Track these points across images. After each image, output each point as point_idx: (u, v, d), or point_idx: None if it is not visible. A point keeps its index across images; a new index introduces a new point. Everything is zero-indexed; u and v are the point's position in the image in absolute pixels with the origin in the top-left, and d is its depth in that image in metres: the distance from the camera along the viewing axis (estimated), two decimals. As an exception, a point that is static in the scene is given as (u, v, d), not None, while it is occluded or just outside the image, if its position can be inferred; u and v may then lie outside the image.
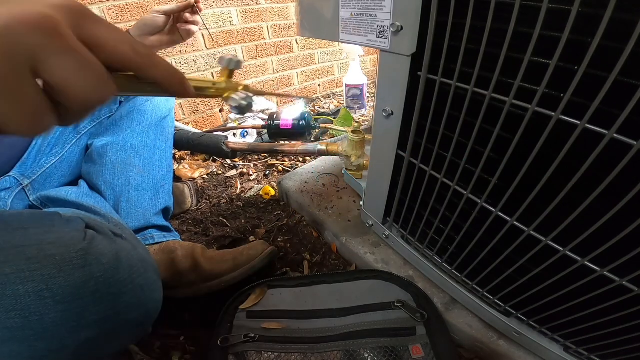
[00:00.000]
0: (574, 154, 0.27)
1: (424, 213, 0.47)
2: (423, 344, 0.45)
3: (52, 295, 0.27)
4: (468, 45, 0.31)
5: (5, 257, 0.26)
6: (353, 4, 0.41)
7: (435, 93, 0.36)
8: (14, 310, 0.26)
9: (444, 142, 0.38)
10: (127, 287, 0.33)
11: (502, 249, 0.37)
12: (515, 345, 0.44)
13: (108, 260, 0.31)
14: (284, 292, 0.54)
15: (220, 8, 1.19)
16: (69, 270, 0.28)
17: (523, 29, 0.26)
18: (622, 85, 0.22)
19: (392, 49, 0.39)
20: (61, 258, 0.28)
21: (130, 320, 0.33)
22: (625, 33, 0.21)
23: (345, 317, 0.49)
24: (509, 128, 0.30)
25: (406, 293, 0.52)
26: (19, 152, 0.58)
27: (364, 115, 1.42)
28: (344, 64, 1.72)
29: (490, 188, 0.35)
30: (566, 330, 0.37)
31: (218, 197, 0.90)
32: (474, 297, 0.47)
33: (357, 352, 0.44)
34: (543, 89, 0.26)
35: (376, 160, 0.53)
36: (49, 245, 0.28)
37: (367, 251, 0.61)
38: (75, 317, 0.28)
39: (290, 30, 1.42)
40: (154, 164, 0.67)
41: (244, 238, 0.74)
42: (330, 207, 0.73)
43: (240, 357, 0.45)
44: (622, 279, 0.28)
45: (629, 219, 0.25)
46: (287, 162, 1.07)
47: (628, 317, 0.30)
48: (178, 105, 1.23)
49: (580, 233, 0.29)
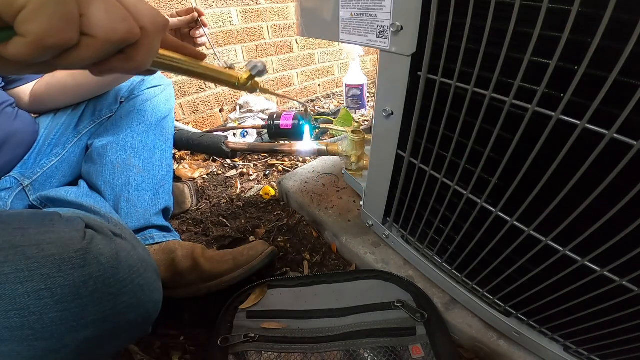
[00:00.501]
0: (573, 154, 0.27)
1: (424, 213, 0.47)
2: (423, 344, 0.45)
3: (51, 295, 0.27)
4: (468, 45, 0.31)
5: (4, 256, 0.26)
6: (353, 4, 0.41)
7: (435, 93, 0.36)
8: (13, 309, 0.26)
9: (444, 142, 0.38)
10: (127, 287, 0.33)
11: (502, 249, 0.37)
12: (515, 345, 0.44)
13: (107, 260, 0.31)
14: (284, 292, 0.54)
15: (220, 8, 1.19)
16: (68, 270, 0.28)
17: (523, 29, 0.26)
18: (622, 85, 0.22)
19: (392, 49, 0.39)
20: (60, 258, 0.28)
21: (130, 320, 0.33)
22: (625, 33, 0.21)
23: (345, 317, 0.49)
24: (509, 128, 0.30)
25: (406, 293, 0.52)
26: (22, 152, 0.59)
27: (364, 115, 1.42)
28: (344, 64, 1.72)
29: (490, 188, 0.35)
30: (566, 330, 0.37)
31: (218, 197, 0.90)
32: (474, 297, 0.47)
33: (357, 352, 0.44)
34: (543, 89, 0.26)
35: (376, 160, 0.53)
36: (48, 245, 0.28)
37: (367, 251, 0.61)
38: (75, 317, 0.28)
39: (290, 30, 1.42)
40: (154, 164, 0.67)
41: (244, 238, 0.74)
42: (330, 207, 0.73)
43: (240, 357, 0.45)
44: (622, 279, 0.28)
45: (629, 219, 0.25)
46: (287, 162, 1.07)
47: (628, 317, 0.30)
48: (178, 105, 1.23)
49: (580, 233, 0.29)
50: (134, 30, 0.23)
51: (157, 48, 0.26)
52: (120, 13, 0.22)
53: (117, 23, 0.22)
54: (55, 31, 0.19)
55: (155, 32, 0.25)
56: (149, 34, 0.24)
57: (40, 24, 0.18)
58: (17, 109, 0.59)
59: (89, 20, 0.21)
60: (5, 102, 0.56)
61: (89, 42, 0.21)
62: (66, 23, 0.19)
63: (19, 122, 0.58)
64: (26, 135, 0.59)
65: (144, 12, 0.24)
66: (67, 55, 0.21)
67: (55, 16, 0.19)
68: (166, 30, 0.27)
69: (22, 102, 0.61)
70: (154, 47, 0.26)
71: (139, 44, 0.24)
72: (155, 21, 0.25)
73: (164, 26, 0.26)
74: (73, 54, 0.21)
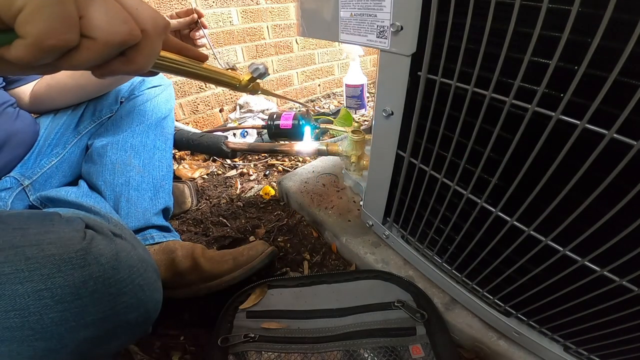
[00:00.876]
0: (573, 154, 0.27)
1: (424, 213, 0.47)
2: (423, 344, 0.45)
3: (52, 295, 0.27)
4: (468, 45, 0.31)
5: (4, 257, 0.26)
6: (353, 4, 0.41)
7: (435, 93, 0.36)
8: (13, 310, 0.26)
9: (444, 142, 0.38)
10: (127, 287, 0.33)
11: (502, 249, 0.37)
12: (515, 345, 0.44)
13: (107, 260, 0.31)
14: (284, 292, 0.54)
15: (220, 8, 1.19)
16: (68, 270, 0.28)
17: (523, 29, 0.26)
18: (622, 85, 0.22)
19: (392, 49, 0.39)
20: (60, 258, 0.28)
21: (130, 320, 0.33)
22: (625, 33, 0.21)
23: (345, 317, 0.49)
24: (509, 128, 0.30)
25: (406, 293, 0.52)
26: (22, 152, 0.59)
27: (364, 115, 1.42)
28: (344, 64, 1.72)
29: (490, 188, 0.35)
30: (566, 330, 0.37)
31: (218, 197, 0.90)
32: (474, 297, 0.47)
33: (357, 352, 0.44)
34: (543, 89, 0.26)
35: (376, 160, 0.53)
36: (48, 245, 0.28)
37: (367, 251, 0.61)
38: (75, 317, 0.28)
39: (290, 30, 1.42)
40: (154, 164, 0.67)
41: (244, 238, 0.74)
42: (330, 207, 0.73)
43: (240, 357, 0.45)
44: (622, 279, 0.28)
45: (629, 219, 0.25)
46: (287, 162, 1.07)
47: (628, 317, 0.30)
48: (178, 105, 1.23)
49: (580, 233, 0.29)
50: (135, 32, 0.23)
51: (158, 50, 0.26)
52: (120, 15, 0.22)
53: (117, 25, 0.22)
54: (53, 33, 0.19)
55: (156, 35, 0.25)
56: (150, 36, 0.24)
57: (39, 26, 0.18)
58: (18, 109, 0.59)
59: (88, 22, 0.21)
60: (6, 102, 0.56)
61: (89, 44, 0.21)
62: (65, 24, 0.19)
63: (20, 122, 0.58)
64: (27, 135, 0.59)
65: (145, 14, 0.24)
66: (68, 57, 0.21)
67: (53, 17, 0.19)
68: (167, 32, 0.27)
69: (22, 102, 0.61)
70: (155, 49, 0.26)
71: (140, 46, 0.24)
72: (156, 23, 0.25)
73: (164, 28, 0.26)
74: (74, 56, 0.21)
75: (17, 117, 0.57)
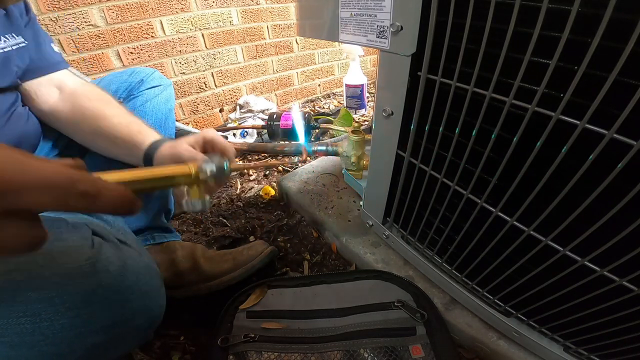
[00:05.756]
0: (573, 154, 0.27)
1: (424, 213, 0.47)
2: (423, 344, 0.45)
3: (63, 302, 0.28)
4: (468, 45, 0.31)
5: (16, 265, 0.27)
6: (353, 4, 0.41)
7: (435, 93, 0.36)
8: (24, 316, 0.27)
9: (444, 142, 0.38)
10: (134, 294, 0.33)
11: (502, 249, 0.37)
12: (515, 345, 0.44)
13: (116, 268, 0.32)
14: (284, 292, 0.54)
15: (220, 8, 1.19)
16: (79, 278, 0.29)
17: (523, 29, 0.26)
18: (622, 85, 0.22)
19: (392, 49, 0.39)
20: (71, 266, 0.29)
21: (136, 325, 0.34)
22: (625, 33, 0.21)
23: (345, 317, 0.49)
24: (509, 128, 0.30)
25: (406, 293, 0.52)
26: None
27: (364, 115, 1.42)
28: (344, 64, 1.72)
29: (490, 188, 0.35)
30: (566, 330, 0.37)
31: (218, 197, 0.90)
32: (474, 297, 0.46)
33: (357, 352, 0.44)
34: (543, 89, 0.26)
35: (376, 160, 0.53)
36: (59, 254, 0.29)
37: (367, 251, 0.61)
38: (84, 323, 0.29)
39: (290, 30, 1.42)
40: (154, 164, 0.67)
41: (244, 238, 0.74)
42: (330, 207, 0.73)
43: (240, 357, 0.45)
44: (622, 279, 0.28)
45: (629, 219, 0.25)
46: (287, 162, 1.07)
47: (628, 317, 0.30)
48: (178, 106, 1.23)
49: (580, 233, 0.29)
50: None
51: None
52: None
53: None
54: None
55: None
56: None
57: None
58: (27, 109, 0.51)
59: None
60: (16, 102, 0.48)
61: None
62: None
63: (31, 124, 0.51)
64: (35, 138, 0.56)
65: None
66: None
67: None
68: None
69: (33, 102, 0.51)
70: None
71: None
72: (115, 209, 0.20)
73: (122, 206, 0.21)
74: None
75: (28, 119, 0.50)
